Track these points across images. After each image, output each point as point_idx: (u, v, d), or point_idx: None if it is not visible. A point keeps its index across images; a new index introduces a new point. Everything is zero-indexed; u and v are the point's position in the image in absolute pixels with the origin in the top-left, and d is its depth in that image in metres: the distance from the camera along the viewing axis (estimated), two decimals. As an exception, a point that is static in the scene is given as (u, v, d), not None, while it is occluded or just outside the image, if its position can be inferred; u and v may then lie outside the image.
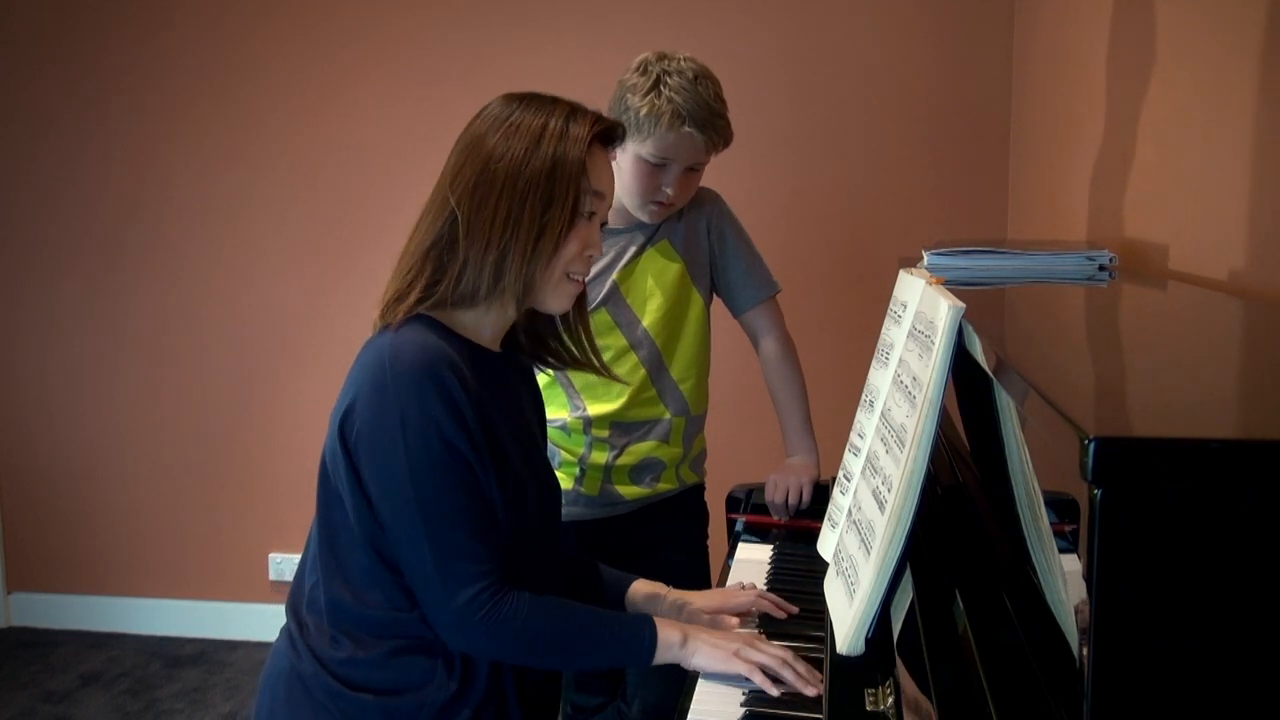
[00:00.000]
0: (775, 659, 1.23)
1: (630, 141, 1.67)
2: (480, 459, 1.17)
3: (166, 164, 3.11)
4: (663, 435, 1.79)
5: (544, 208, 1.20)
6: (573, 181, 1.21)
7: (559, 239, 1.21)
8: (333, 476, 1.21)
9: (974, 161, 2.72)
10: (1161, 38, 1.54)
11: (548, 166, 1.20)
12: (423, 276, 1.22)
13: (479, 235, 1.19)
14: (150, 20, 3.06)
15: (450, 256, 1.21)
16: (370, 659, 1.20)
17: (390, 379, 1.15)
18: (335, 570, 1.22)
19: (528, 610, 1.17)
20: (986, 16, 2.67)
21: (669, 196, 1.69)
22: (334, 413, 1.20)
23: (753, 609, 1.42)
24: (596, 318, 1.75)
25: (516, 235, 1.19)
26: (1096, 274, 1.41)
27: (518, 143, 1.21)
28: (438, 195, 1.24)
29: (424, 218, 1.24)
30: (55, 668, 3.06)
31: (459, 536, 1.15)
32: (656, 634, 1.23)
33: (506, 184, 1.19)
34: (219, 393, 3.16)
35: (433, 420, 1.14)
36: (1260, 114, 1.21)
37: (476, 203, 1.20)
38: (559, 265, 1.23)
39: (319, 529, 1.25)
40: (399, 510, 1.16)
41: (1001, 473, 0.99)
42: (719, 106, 1.68)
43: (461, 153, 1.24)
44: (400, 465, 1.15)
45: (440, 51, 2.91)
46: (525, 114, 1.23)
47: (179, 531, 3.25)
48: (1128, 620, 0.60)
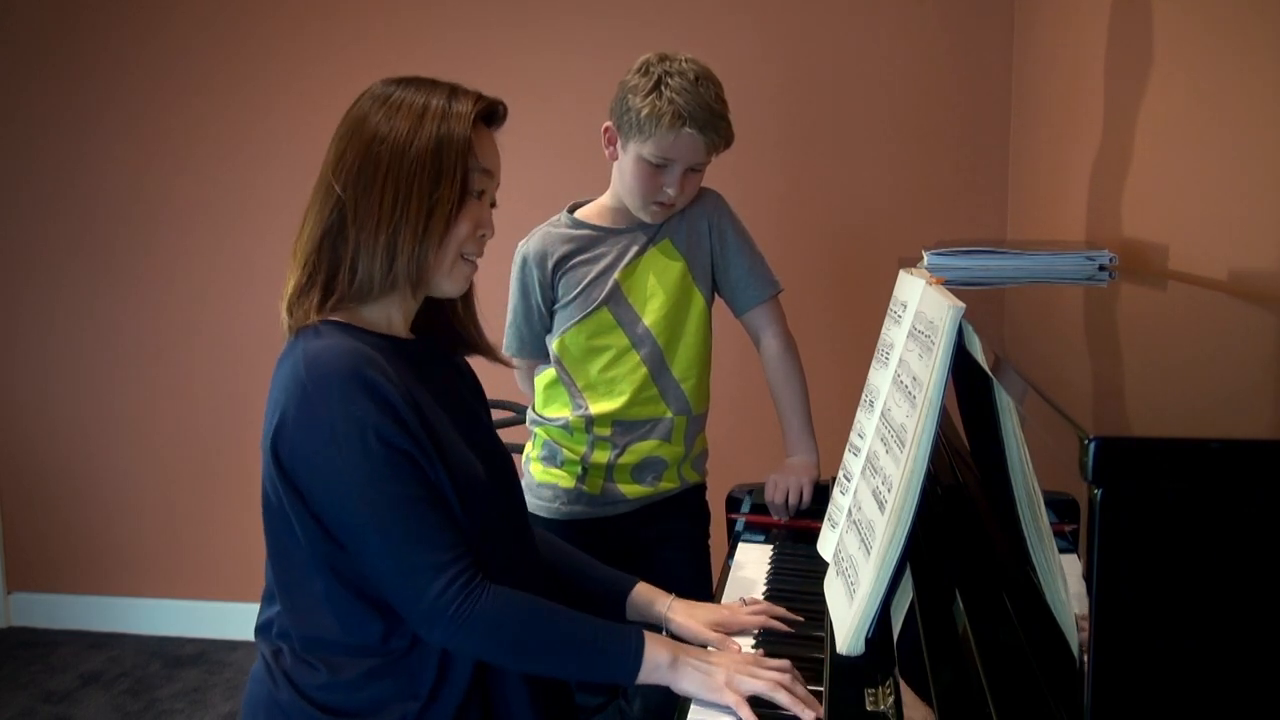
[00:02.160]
0: (770, 683, 1.17)
1: (631, 142, 1.67)
2: (422, 450, 1.14)
3: (164, 166, 3.10)
4: (664, 434, 1.79)
5: (432, 186, 1.17)
6: (460, 158, 1.19)
7: (449, 217, 1.19)
8: (276, 504, 1.18)
9: (974, 161, 2.72)
10: (1161, 38, 1.54)
11: (433, 144, 1.17)
12: (320, 270, 1.19)
13: (368, 219, 1.17)
14: (148, 22, 3.05)
15: (341, 244, 1.18)
16: (346, 682, 1.18)
17: (312, 391, 1.11)
18: (293, 598, 1.20)
19: (506, 605, 1.14)
20: (986, 16, 2.67)
21: (670, 197, 1.70)
22: (263, 439, 1.16)
23: (757, 629, 1.37)
24: (598, 317, 1.75)
25: (406, 215, 1.16)
26: (1096, 274, 1.41)
27: (401, 122, 1.18)
28: (321, 184, 1.21)
29: (310, 209, 1.21)
30: (55, 668, 3.06)
31: (418, 531, 1.12)
32: (644, 651, 1.19)
33: (392, 164, 1.17)
34: (218, 392, 3.16)
35: (364, 423, 1.10)
36: (1260, 114, 1.21)
37: (363, 186, 1.17)
38: (452, 246, 1.21)
39: (271, 560, 1.22)
40: (351, 521, 1.13)
41: (1001, 473, 0.99)
42: (720, 108, 1.68)
43: (343, 137, 1.21)
44: (341, 476, 1.11)
45: (438, 52, 2.91)
46: (406, 94, 1.20)
47: (179, 531, 3.25)
48: (1127, 620, 0.60)
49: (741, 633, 1.36)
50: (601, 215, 1.79)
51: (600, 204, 1.80)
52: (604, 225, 1.78)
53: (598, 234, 1.77)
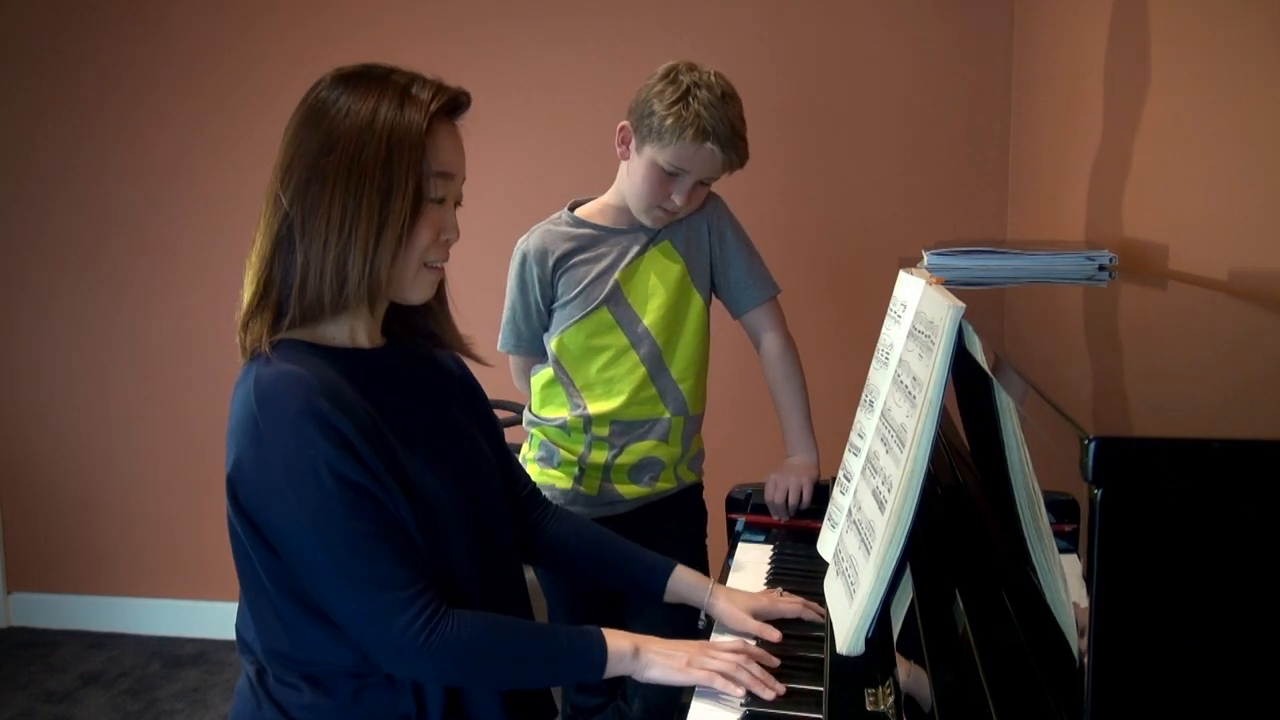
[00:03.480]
0: (730, 664, 1.20)
1: (648, 146, 1.67)
2: (378, 481, 1.10)
3: (159, 164, 3.10)
4: (662, 435, 1.79)
5: (382, 200, 1.10)
6: (412, 167, 1.11)
7: (402, 232, 1.12)
8: (239, 535, 1.15)
9: (974, 161, 2.72)
10: (1161, 38, 1.54)
11: (382, 155, 1.10)
12: (273, 288, 1.14)
13: (315, 236, 1.11)
14: (143, 20, 3.05)
15: (290, 260, 1.13)
16: (333, 705, 1.16)
17: (264, 428, 1.07)
18: (267, 620, 1.17)
19: (470, 629, 1.12)
20: (986, 16, 2.67)
21: (675, 206, 1.70)
22: (226, 474, 1.12)
23: (800, 617, 1.40)
24: (598, 316, 1.75)
25: (355, 233, 1.10)
26: (1096, 274, 1.41)
27: (347, 131, 1.11)
28: (270, 194, 1.15)
29: (260, 220, 1.15)
30: (55, 668, 3.06)
31: (377, 569, 1.08)
32: (606, 647, 1.19)
33: (339, 179, 1.10)
34: (216, 391, 3.14)
35: (318, 459, 1.06)
36: (1260, 114, 1.21)
37: (310, 202, 1.11)
38: (413, 258, 1.15)
39: (244, 582, 1.19)
40: (308, 560, 1.09)
41: (1001, 473, 0.99)
42: (741, 128, 1.69)
43: (289, 145, 1.14)
44: (296, 515, 1.07)
45: (435, 51, 2.91)
46: (354, 98, 1.13)
47: (178, 531, 3.25)
48: (1128, 620, 0.60)
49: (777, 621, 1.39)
50: (603, 214, 1.79)
51: (602, 203, 1.80)
52: (605, 225, 1.78)
53: (599, 233, 1.77)
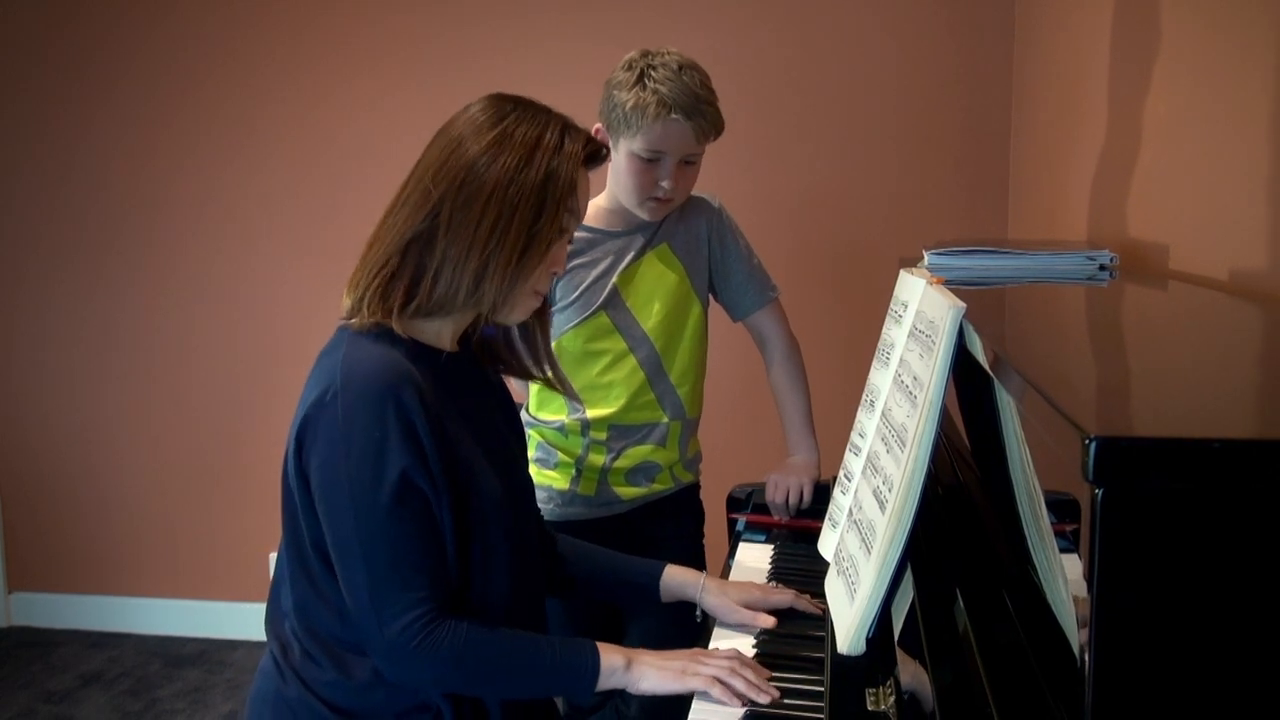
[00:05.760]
0: (724, 669, 1.20)
1: (621, 139, 1.67)
2: (433, 483, 1.13)
3: (160, 163, 3.10)
4: (660, 439, 1.79)
5: (533, 219, 1.16)
6: (563, 198, 1.18)
7: (543, 254, 1.19)
8: (290, 488, 1.18)
9: (974, 161, 2.72)
10: (1162, 37, 1.54)
11: (540, 179, 1.16)
12: (403, 276, 1.17)
13: (461, 238, 1.15)
14: (143, 20, 3.05)
15: (428, 253, 1.16)
16: (356, 684, 1.18)
17: (344, 400, 1.11)
18: (309, 586, 1.19)
19: (464, 639, 1.14)
20: (987, 17, 2.67)
21: (666, 191, 1.69)
22: (292, 425, 1.16)
23: (794, 607, 1.41)
24: (596, 321, 1.75)
25: (502, 245, 1.15)
26: (1097, 274, 1.41)
27: (511, 151, 1.17)
28: (417, 187, 1.19)
29: (400, 207, 1.19)
30: (55, 668, 3.06)
31: (398, 569, 1.12)
32: (599, 660, 1.20)
33: (496, 191, 1.15)
34: (217, 391, 3.16)
35: (384, 447, 1.10)
36: (1260, 114, 1.21)
37: (461, 203, 1.15)
38: (532, 279, 1.21)
39: (288, 545, 1.21)
40: (339, 534, 1.13)
41: (1002, 473, 0.99)
42: (706, 94, 1.67)
43: (445, 149, 1.19)
44: (343, 489, 1.11)
45: (436, 50, 2.91)
46: (520, 123, 1.19)
47: (179, 531, 3.25)
48: (1128, 620, 0.60)
49: (772, 612, 1.40)
50: (598, 217, 1.78)
51: (596, 205, 1.79)
52: (601, 228, 1.77)
53: (595, 236, 1.77)
